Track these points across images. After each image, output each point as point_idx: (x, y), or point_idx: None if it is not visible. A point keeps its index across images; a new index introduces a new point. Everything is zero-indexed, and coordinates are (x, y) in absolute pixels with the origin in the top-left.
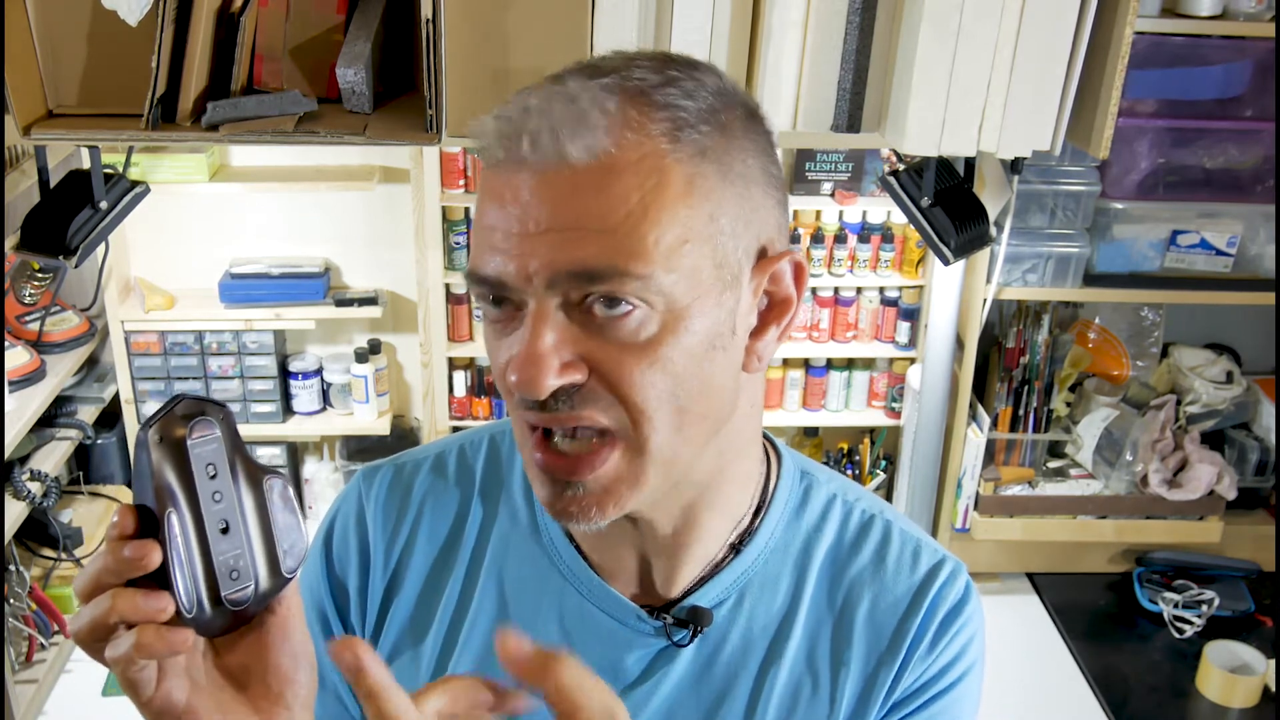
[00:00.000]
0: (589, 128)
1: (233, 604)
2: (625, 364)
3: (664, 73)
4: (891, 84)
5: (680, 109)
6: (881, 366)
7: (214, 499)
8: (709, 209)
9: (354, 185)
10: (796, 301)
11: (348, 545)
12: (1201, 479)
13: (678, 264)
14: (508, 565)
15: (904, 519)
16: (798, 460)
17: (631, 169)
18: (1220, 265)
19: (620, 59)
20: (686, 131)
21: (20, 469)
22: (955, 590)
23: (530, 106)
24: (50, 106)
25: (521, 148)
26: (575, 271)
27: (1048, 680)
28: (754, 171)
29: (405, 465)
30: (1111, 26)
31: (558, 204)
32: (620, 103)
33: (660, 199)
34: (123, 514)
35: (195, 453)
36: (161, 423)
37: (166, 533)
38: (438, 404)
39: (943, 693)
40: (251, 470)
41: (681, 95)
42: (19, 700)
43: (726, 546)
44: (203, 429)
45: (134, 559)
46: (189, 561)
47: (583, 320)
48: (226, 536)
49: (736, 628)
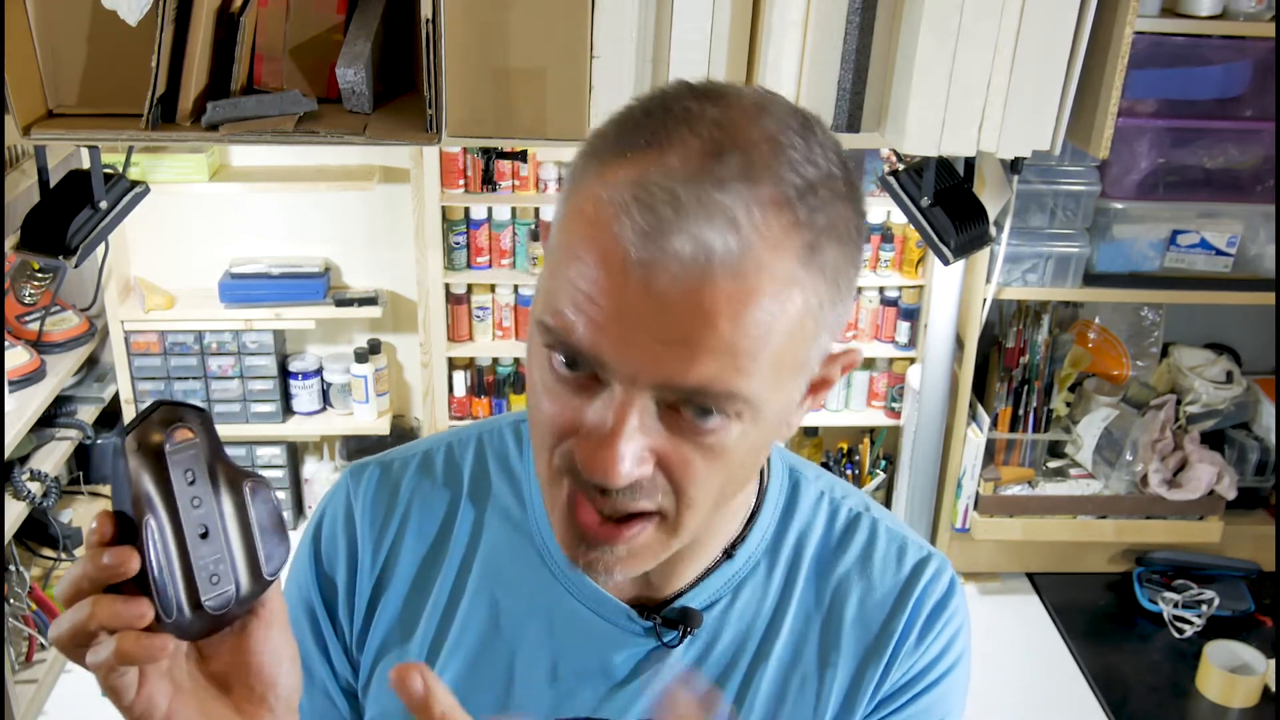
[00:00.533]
0: (738, 249)
1: (213, 608)
2: (695, 464)
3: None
4: (891, 84)
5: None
6: (881, 366)
7: (193, 504)
8: (815, 334)
9: (354, 185)
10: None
11: (335, 543)
12: (1201, 479)
13: (776, 382)
14: (498, 565)
15: (890, 516)
16: (785, 457)
17: (767, 296)
18: (1220, 265)
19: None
20: (818, 256)
21: (20, 469)
22: (940, 586)
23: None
24: (50, 106)
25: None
26: (693, 389)
27: (1048, 680)
28: (854, 285)
29: (393, 463)
30: (1111, 26)
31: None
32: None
33: (782, 324)
34: (101, 520)
35: (173, 459)
36: (139, 430)
37: (145, 539)
38: (438, 404)
39: (930, 687)
40: (231, 474)
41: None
42: (19, 700)
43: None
44: (181, 435)
45: (112, 565)
46: (168, 567)
47: (669, 419)
48: (206, 541)
49: (726, 628)
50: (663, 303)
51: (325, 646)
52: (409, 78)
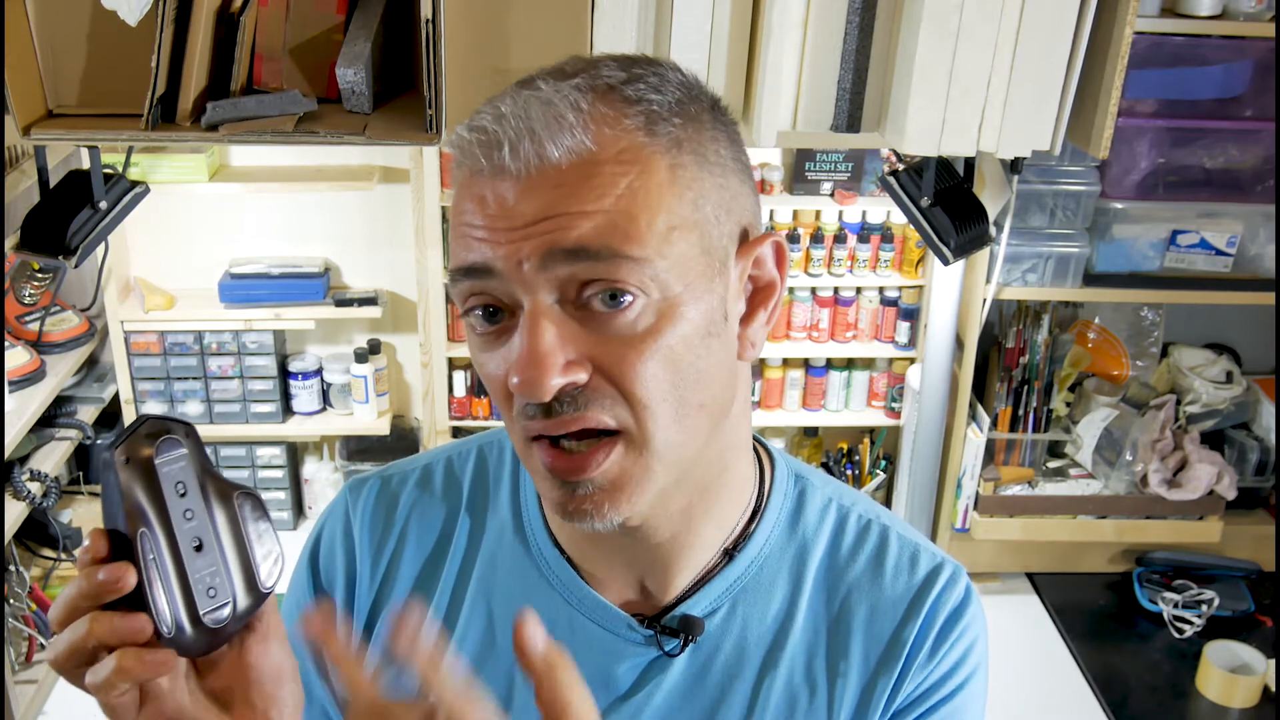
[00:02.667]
0: (566, 128)
1: (212, 623)
2: (627, 358)
3: (629, 70)
4: (891, 84)
5: (651, 103)
6: (881, 366)
7: (186, 517)
8: (692, 196)
9: (354, 185)
10: (780, 284)
11: (334, 558)
12: (1201, 479)
13: (669, 251)
14: (495, 577)
15: (902, 523)
16: (792, 464)
17: (613, 161)
18: (1220, 265)
19: (584, 61)
20: (660, 124)
21: (20, 469)
22: (955, 594)
23: (505, 112)
24: (50, 106)
25: (502, 155)
26: (571, 249)
27: (1048, 680)
28: (728, 160)
29: (392, 478)
30: (1111, 26)
31: (545, 200)
32: (593, 100)
33: (646, 186)
34: (95, 538)
35: (164, 471)
36: (127, 443)
37: (140, 553)
38: (438, 404)
39: (945, 700)
40: (221, 487)
41: (650, 90)
42: (19, 700)
43: (720, 553)
44: (170, 448)
45: (109, 582)
46: (165, 581)
47: (581, 317)
48: (201, 554)
49: (730, 636)
50: (520, 194)
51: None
52: (409, 78)
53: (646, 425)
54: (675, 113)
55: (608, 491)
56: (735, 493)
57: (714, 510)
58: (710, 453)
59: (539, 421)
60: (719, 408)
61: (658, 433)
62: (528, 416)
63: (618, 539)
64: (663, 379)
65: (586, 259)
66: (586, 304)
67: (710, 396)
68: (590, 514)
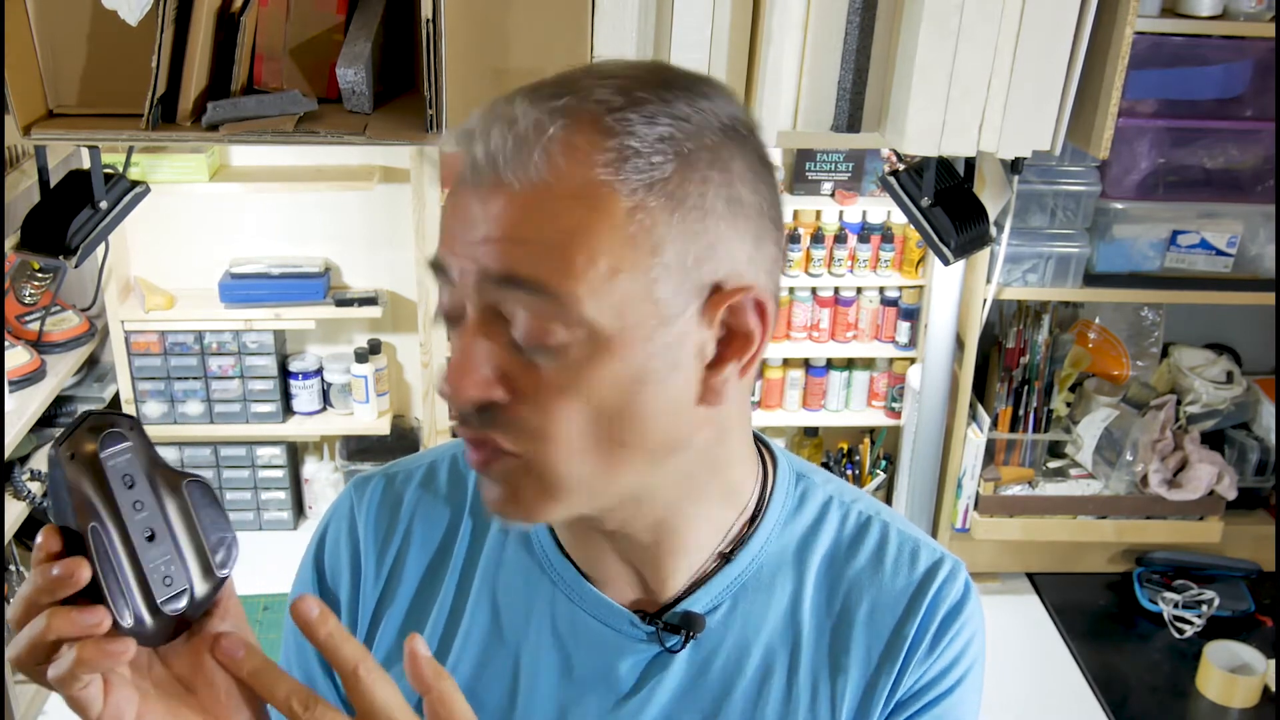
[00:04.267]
0: (527, 154)
1: (170, 611)
2: (543, 390)
3: (630, 95)
4: (891, 84)
5: (631, 137)
6: (881, 366)
7: (135, 508)
8: (651, 242)
9: (354, 185)
10: (759, 339)
11: (339, 556)
12: (1201, 479)
13: (607, 293)
14: (499, 575)
15: (902, 520)
16: (793, 463)
17: (567, 196)
18: (1220, 265)
19: (588, 77)
20: (634, 162)
21: (20, 469)
22: (955, 590)
23: (473, 130)
24: (50, 106)
25: (468, 170)
26: (500, 276)
27: (1048, 680)
28: (715, 203)
29: (396, 476)
30: (1111, 26)
31: (492, 222)
32: (565, 129)
33: (594, 225)
34: (46, 535)
35: (110, 464)
36: (71, 439)
37: (92, 546)
38: (438, 404)
39: (945, 694)
40: (170, 477)
41: (640, 121)
42: (19, 700)
43: (716, 555)
44: (113, 441)
45: (63, 577)
46: (120, 573)
47: (509, 341)
48: (154, 544)
49: (731, 633)
50: (476, 209)
51: None
52: (409, 78)
53: (549, 456)
54: (658, 150)
55: (505, 494)
56: (723, 502)
57: (696, 520)
58: (666, 477)
59: (461, 425)
60: (661, 448)
61: (558, 466)
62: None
63: (604, 540)
64: (578, 415)
65: (514, 287)
66: None
67: (640, 437)
68: (498, 511)
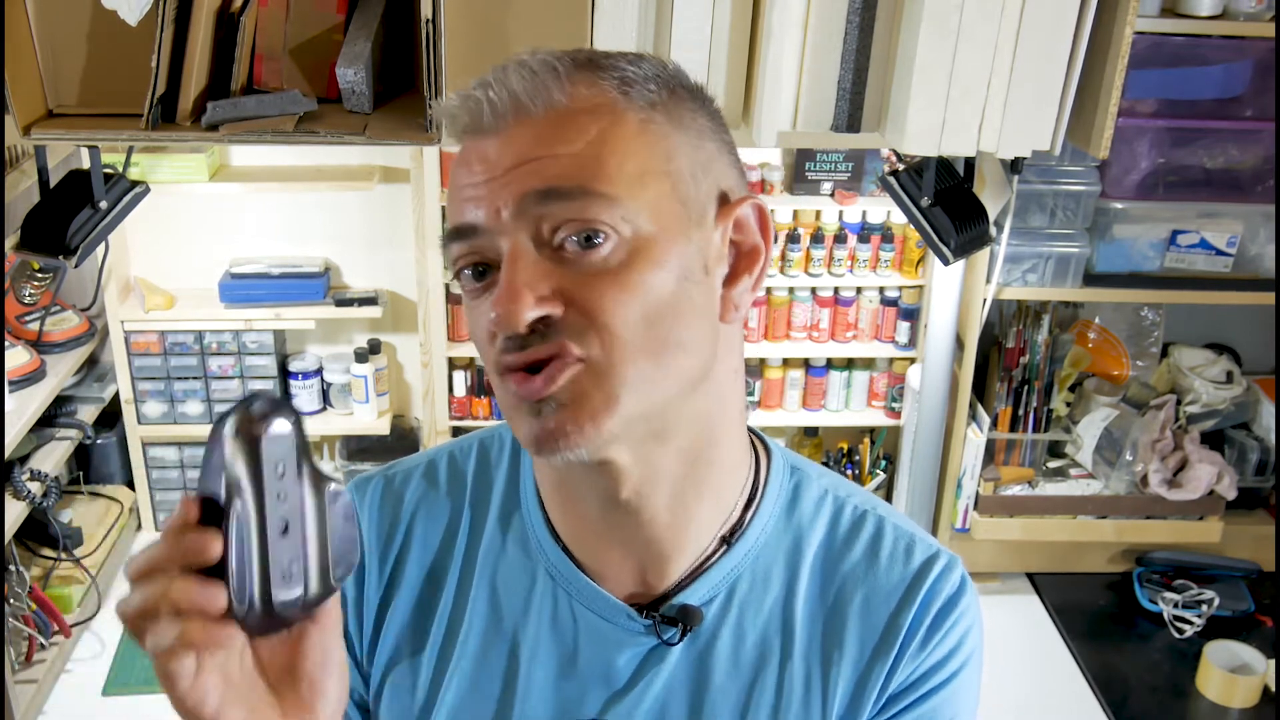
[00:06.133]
0: (542, 85)
1: (280, 606)
2: (598, 289)
3: (608, 55)
4: (891, 84)
5: (627, 71)
6: (881, 366)
7: (279, 498)
8: (664, 149)
9: (354, 185)
10: (765, 249)
11: None
12: (1201, 479)
13: (640, 193)
14: (497, 570)
15: (898, 514)
16: (788, 456)
17: (586, 112)
18: (1220, 265)
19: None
20: (635, 87)
21: (20, 469)
22: (950, 583)
23: (488, 79)
24: (50, 106)
25: (484, 116)
26: (543, 190)
27: (1048, 680)
28: (705, 128)
29: (396, 475)
30: (1111, 26)
31: (520, 148)
32: (570, 66)
33: (616, 133)
34: (187, 503)
35: (268, 450)
36: (238, 416)
37: (231, 525)
38: (438, 404)
39: (939, 688)
40: (316, 476)
41: (627, 63)
42: (19, 700)
43: (717, 539)
44: (278, 428)
45: (196, 548)
46: (247, 557)
47: (556, 258)
48: (285, 537)
49: (727, 625)
50: (499, 148)
51: None
52: (409, 78)
53: (613, 354)
54: (651, 81)
55: (569, 409)
56: (729, 472)
57: (706, 487)
58: (693, 410)
59: (512, 355)
60: (697, 355)
61: (625, 361)
62: (503, 351)
63: (614, 523)
64: (634, 310)
65: (558, 199)
66: (562, 246)
67: (687, 337)
68: (556, 438)
